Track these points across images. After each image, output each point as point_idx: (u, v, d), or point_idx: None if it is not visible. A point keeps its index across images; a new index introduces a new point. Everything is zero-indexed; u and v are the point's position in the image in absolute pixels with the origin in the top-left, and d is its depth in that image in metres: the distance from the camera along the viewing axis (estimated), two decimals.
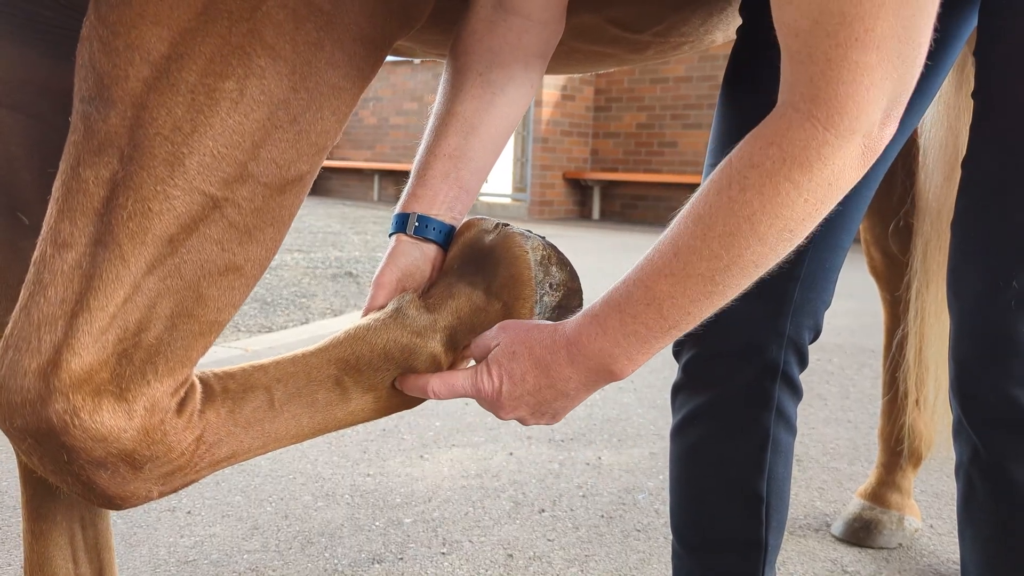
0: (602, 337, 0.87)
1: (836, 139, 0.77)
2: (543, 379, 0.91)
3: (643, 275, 0.85)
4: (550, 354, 0.91)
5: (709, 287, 0.83)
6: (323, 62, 0.92)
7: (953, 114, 1.98)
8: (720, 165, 0.84)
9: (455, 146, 1.08)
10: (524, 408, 0.94)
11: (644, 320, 0.85)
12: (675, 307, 0.84)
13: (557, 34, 1.15)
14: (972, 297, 1.02)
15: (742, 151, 0.82)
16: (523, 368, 0.92)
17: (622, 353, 0.87)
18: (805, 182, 0.78)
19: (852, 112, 0.76)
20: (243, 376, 0.95)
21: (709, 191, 0.83)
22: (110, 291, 0.83)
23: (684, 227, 0.84)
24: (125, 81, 0.85)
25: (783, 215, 0.79)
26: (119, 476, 0.85)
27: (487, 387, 0.94)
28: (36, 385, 0.81)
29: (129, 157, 0.84)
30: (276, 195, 0.92)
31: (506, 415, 0.95)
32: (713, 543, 1.17)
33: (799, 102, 0.78)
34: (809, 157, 0.77)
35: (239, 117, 0.87)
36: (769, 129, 0.80)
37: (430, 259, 1.10)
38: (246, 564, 1.88)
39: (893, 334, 2.17)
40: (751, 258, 0.81)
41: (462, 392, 0.96)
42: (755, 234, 0.80)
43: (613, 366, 0.88)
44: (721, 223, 0.81)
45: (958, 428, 1.06)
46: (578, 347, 0.89)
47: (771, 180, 0.79)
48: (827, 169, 0.78)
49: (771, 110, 0.84)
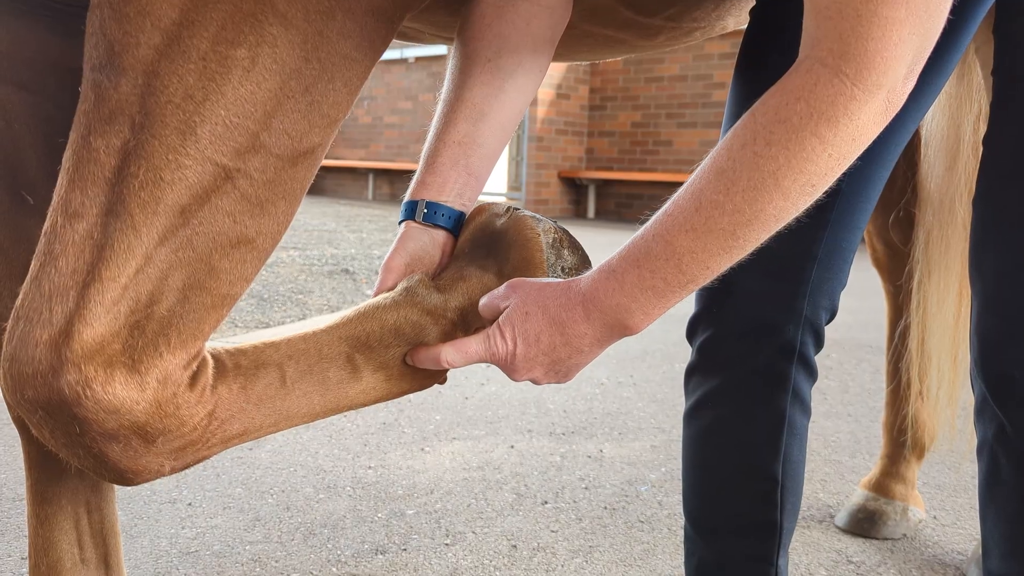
0: (619, 292, 0.87)
1: (863, 94, 0.77)
2: (558, 337, 0.90)
3: (662, 230, 0.85)
4: (565, 311, 0.90)
5: (730, 241, 0.83)
6: (335, 32, 0.90)
7: (955, 104, 1.98)
8: (742, 120, 0.83)
9: (464, 133, 1.07)
10: (538, 368, 0.93)
11: (663, 275, 0.85)
12: (695, 261, 0.84)
13: (565, 19, 1.14)
14: (995, 273, 1.02)
15: (767, 106, 0.81)
16: (537, 328, 0.91)
17: (638, 308, 0.87)
18: (831, 137, 0.78)
19: (880, 67, 0.76)
20: (255, 353, 0.93)
21: (732, 145, 0.82)
22: (122, 261, 0.81)
23: (706, 181, 0.83)
24: (136, 48, 0.83)
25: (807, 170, 0.79)
26: (131, 450, 0.83)
27: (501, 350, 0.93)
28: (47, 356, 0.79)
29: (140, 125, 0.83)
30: (288, 167, 0.90)
31: (520, 376, 0.94)
32: (727, 527, 1.15)
33: (827, 57, 0.77)
34: (836, 112, 0.78)
35: (251, 86, 0.86)
36: (795, 84, 0.80)
37: (439, 245, 1.09)
38: (248, 555, 1.86)
39: (896, 325, 2.17)
40: (773, 212, 0.82)
41: (475, 357, 0.95)
42: (779, 189, 0.80)
43: (629, 320, 0.88)
44: (745, 178, 0.81)
45: (981, 406, 1.05)
46: (594, 302, 0.89)
47: (797, 135, 0.79)
48: (852, 124, 0.78)
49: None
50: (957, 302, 2.03)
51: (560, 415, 2.93)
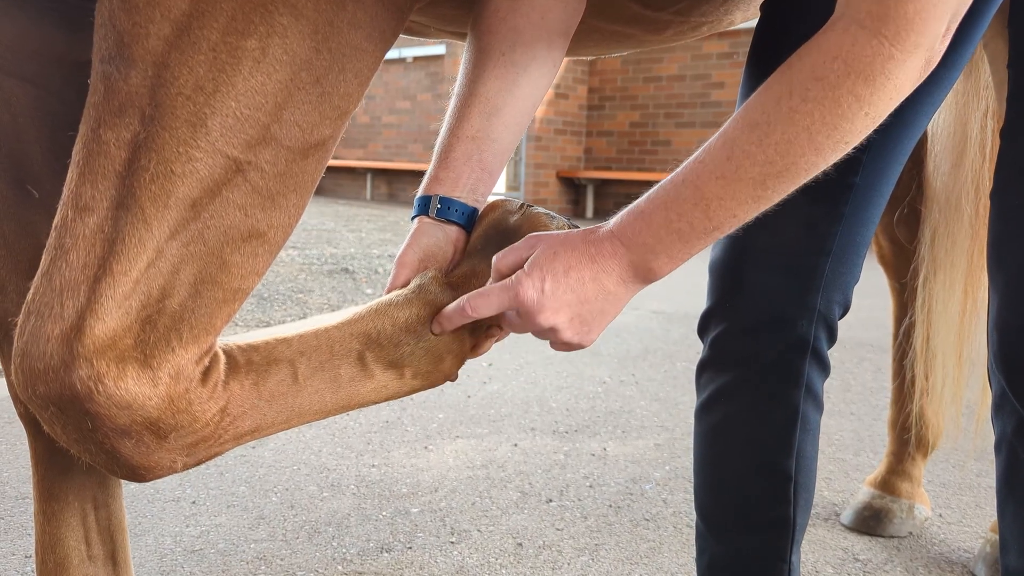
0: (646, 231, 0.88)
1: (902, 54, 0.78)
2: (586, 270, 0.90)
3: (692, 175, 0.86)
4: (594, 247, 0.90)
5: (759, 191, 0.84)
6: (345, 22, 0.89)
7: (961, 100, 1.97)
8: (777, 75, 0.83)
9: (478, 128, 1.07)
10: (565, 310, 0.91)
11: (690, 219, 0.86)
12: (722, 208, 0.85)
13: (579, 13, 1.13)
14: (1016, 266, 1.01)
15: (803, 62, 0.81)
16: (567, 263, 0.90)
17: (663, 250, 0.88)
18: (868, 95, 0.79)
19: (919, 28, 0.76)
20: (267, 349, 0.92)
21: (766, 99, 0.83)
22: (133, 255, 0.80)
23: (739, 132, 0.84)
24: (146, 39, 0.82)
25: (842, 127, 0.80)
26: (143, 445, 0.82)
27: (529, 291, 0.90)
28: (59, 351, 0.78)
29: (151, 118, 0.82)
30: (299, 160, 0.89)
31: (546, 317, 0.91)
32: (740, 523, 1.15)
33: (864, 19, 0.78)
34: (874, 72, 0.78)
35: (262, 77, 0.84)
36: (832, 43, 0.80)
37: (452, 240, 1.09)
38: (253, 553, 1.85)
39: (901, 322, 2.16)
40: (804, 165, 0.83)
41: (501, 303, 0.93)
42: (812, 144, 0.81)
43: (654, 262, 0.89)
44: (780, 131, 0.81)
45: (1000, 401, 1.04)
46: (621, 238, 0.89)
47: (833, 92, 0.79)
48: (890, 83, 0.79)
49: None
50: (962, 300, 2.02)
51: (563, 413, 2.92)
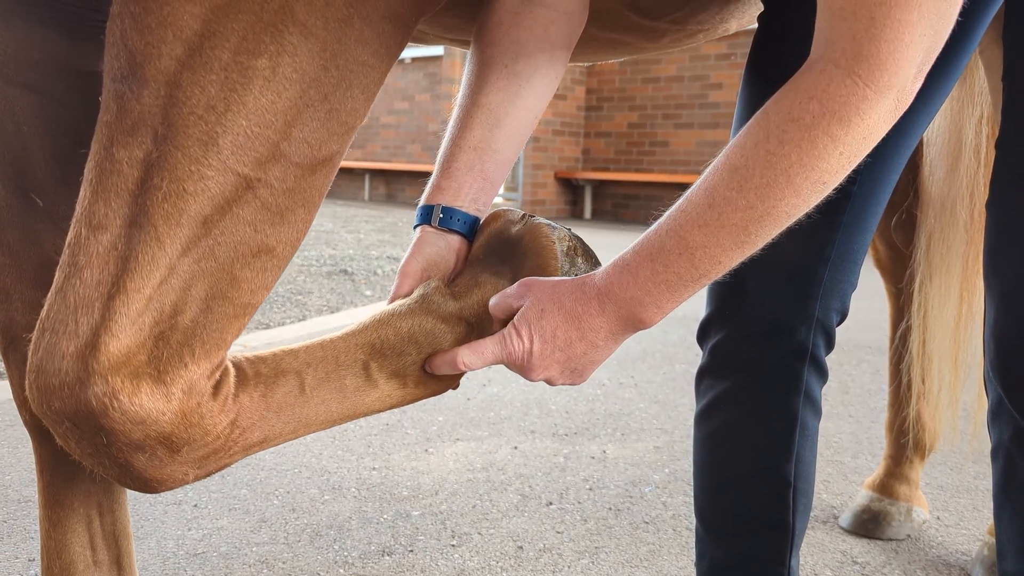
0: (633, 285, 0.89)
1: (875, 94, 0.79)
2: (574, 332, 0.92)
3: (676, 225, 0.87)
4: (580, 306, 0.92)
5: (742, 237, 0.85)
6: (352, 39, 0.91)
7: (956, 107, 1.99)
8: (755, 118, 0.85)
9: (480, 138, 1.08)
10: (555, 366, 0.94)
11: (676, 269, 0.87)
12: (707, 256, 0.86)
13: (582, 24, 1.15)
14: (1013, 274, 1.02)
15: (780, 105, 0.83)
16: (554, 324, 0.92)
17: (652, 301, 0.89)
18: (843, 136, 0.80)
19: (892, 68, 0.78)
20: (274, 361, 0.94)
21: (745, 143, 0.84)
22: (146, 273, 0.82)
23: (719, 178, 0.85)
24: (158, 59, 0.84)
25: (819, 167, 0.81)
26: (156, 459, 0.84)
27: (517, 349, 0.94)
28: (74, 368, 0.80)
29: (163, 137, 0.83)
30: (307, 175, 0.91)
31: (536, 375, 0.95)
32: (739, 528, 1.16)
33: (840, 58, 0.79)
34: (848, 112, 0.79)
35: (272, 95, 0.86)
36: (808, 83, 0.81)
37: (455, 249, 1.10)
38: (255, 556, 1.87)
39: (897, 327, 2.18)
40: (785, 209, 0.84)
41: (492, 358, 0.96)
42: (791, 186, 0.82)
43: (643, 314, 0.90)
44: (758, 175, 0.82)
45: (997, 408, 1.05)
46: (609, 296, 0.91)
47: (809, 134, 0.80)
48: (864, 124, 0.80)
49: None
50: (958, 304, 2.04)
51: (562, 416, 2.94)
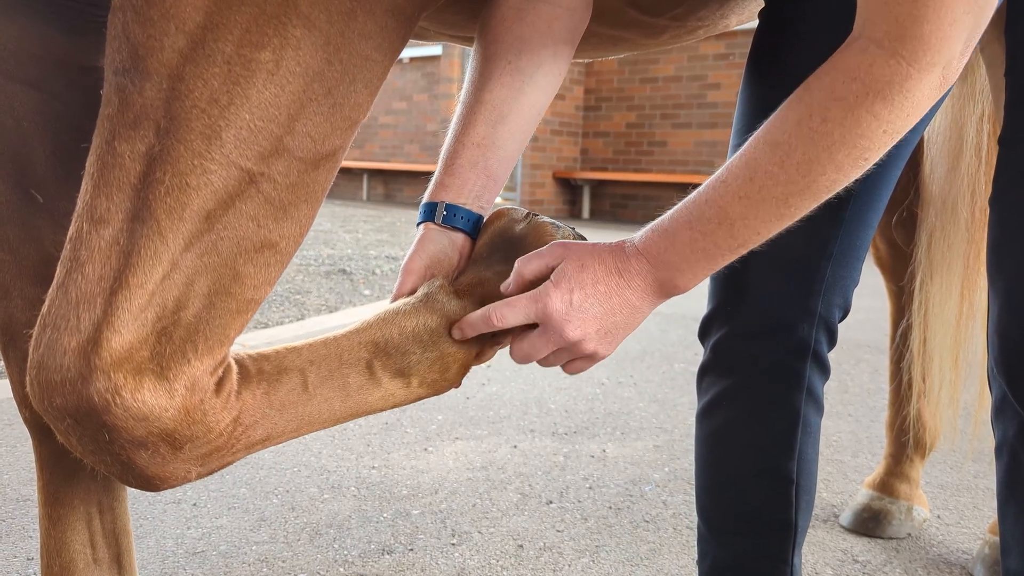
0: (671, 250, 0.90)
1: (919, 73, 0.79)
2: (614, 283, 0.92)
3: (716, 195, 0.88)
4: (621, 261, 0.93)
5: (782, 209, 0.86)
6: (355, 33, 0.90)
7: (957, 104, 1.98)
8: (797, 94, 0.85)
9: (483, 135, 1.08)
10: (592, 322, 0.93)
11: (714, 238, 0.88)
12: (746, 227, 0.87)
13: (585, 20, 1.14)
14: (1016, 271, 1.02)
15: (822, 82, 0.83)
16: (595, 276, 0.93)
17: (688, 267, 0.90)
18: (886, 115, 0.81)
19: (936, 47, 0.78)
20: (277, 358, 0.93)
21: (787, 120, 0.85)
22: (148, 268, 0.81)
23: (760, 153, 0.86)
24: (160, 52, 0.83)
25: (861, 145, 0.82)
26: (159, 456, 0.83)
27: (557, 303, 0.92)
28: (76, 364, 0.79)
29: (166, 130, 0.82)
30: (310, 170, 0.90)
31: (572, 330, 0.93)
32: (742, 526, 1.16)
33: (882, 39, 0.79)
34: (892, 91, 0.80)
35: (275, 89, 0.85)
36: (850, 63, 0.82)
37: (458, 247, 1.10)
38: (255, 555, 1.86)
39: (898, 325, 2.18)
40: (825, 183, 0.85)
41: (526, 313, 0.94)
42: (832, 162, 0.83)
43: (679, 279, 0.92)
44: (800, 152, 0.83)
45: (1001, 406, 1.05)
46: (647, 256, 0.92)
47: (853, 113, 0.81)
48: (908, 102, 0.81)
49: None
50: (959, 303, 2.03)
51: (562, 415, 2.94)
